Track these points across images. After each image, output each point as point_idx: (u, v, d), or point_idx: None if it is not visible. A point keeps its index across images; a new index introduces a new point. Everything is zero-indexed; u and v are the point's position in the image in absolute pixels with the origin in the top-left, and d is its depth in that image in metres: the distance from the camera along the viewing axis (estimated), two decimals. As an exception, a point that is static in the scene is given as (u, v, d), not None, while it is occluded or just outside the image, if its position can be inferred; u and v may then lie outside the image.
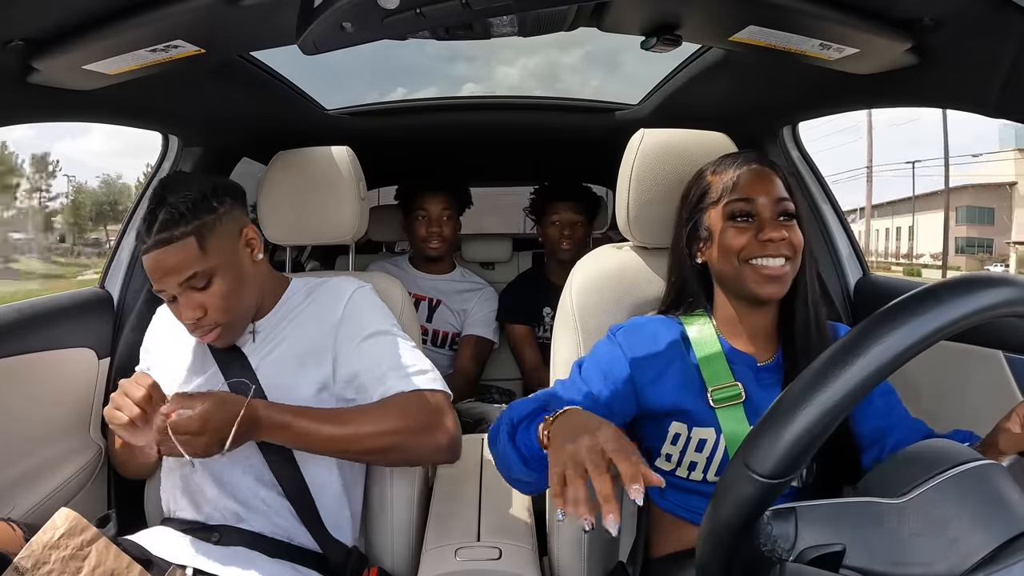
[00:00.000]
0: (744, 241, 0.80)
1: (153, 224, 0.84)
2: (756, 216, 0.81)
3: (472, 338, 1.77)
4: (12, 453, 0.96)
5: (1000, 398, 0.96)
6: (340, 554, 0.92)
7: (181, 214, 0.85)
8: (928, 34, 0.76)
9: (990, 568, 0.42)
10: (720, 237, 0.83)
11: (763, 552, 0.46)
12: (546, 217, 1.84)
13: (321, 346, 0.92)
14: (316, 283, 1.01)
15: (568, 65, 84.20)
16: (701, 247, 0.86)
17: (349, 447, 0.85)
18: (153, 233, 0.84)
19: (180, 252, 0.84)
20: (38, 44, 0.74)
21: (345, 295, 0.97)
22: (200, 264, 0.85)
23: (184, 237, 0.84)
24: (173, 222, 0.84)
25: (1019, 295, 0.44)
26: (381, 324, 0.95)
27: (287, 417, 0.83)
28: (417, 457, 0.92)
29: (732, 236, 0.81)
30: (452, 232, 1.82)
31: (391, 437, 0.85)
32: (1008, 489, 0.46)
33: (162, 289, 0.87)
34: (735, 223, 0.82)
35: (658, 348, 0.84)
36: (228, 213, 0.90)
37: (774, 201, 0.81)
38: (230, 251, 0.89)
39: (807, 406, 0.43)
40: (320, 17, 0.66)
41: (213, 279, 0.87)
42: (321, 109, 1.58)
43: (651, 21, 0.78)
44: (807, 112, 1.32)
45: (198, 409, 0.76)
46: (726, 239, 0.82)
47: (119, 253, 1.32)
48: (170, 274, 0.84)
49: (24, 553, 0.72)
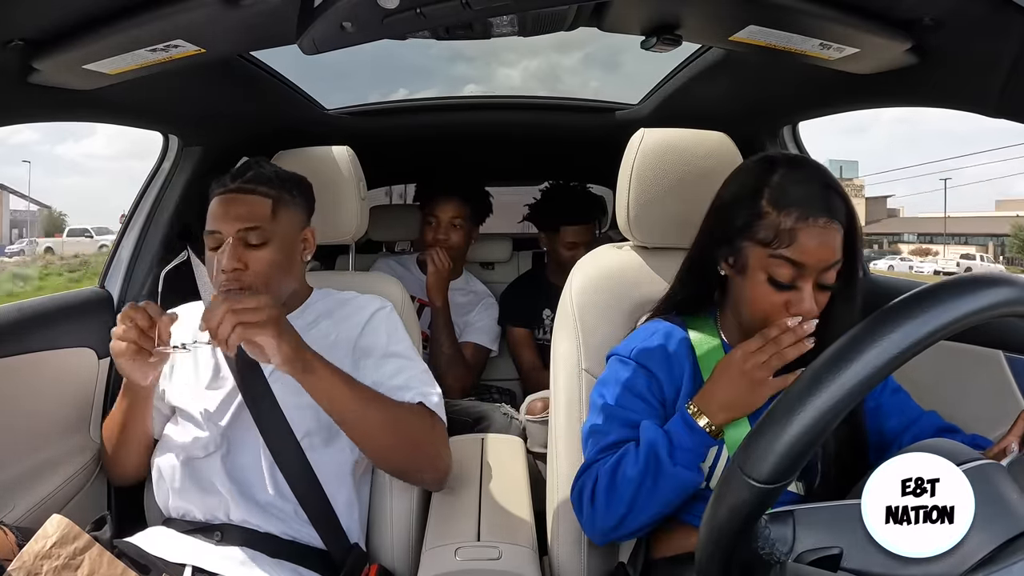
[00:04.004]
0: (776, 306, 0.74)
1: (241, 174, 0.94)
2: (798, 285, 0.73)
3: (470, 345, 1.73)
4: (12, 453, 0.96)
5: (1000, 398, 0.96)
6: (342, 551, 0.92)
7: (269, 178, 0.95)
8: (928, 34, 0.76)
9: (990, 568, 0.41)
10: (752, 283, 0.76)
11: (761, 555, 0.46)
12: (557, 236, 1.78)
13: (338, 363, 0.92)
14: (340, 297, 1.03)
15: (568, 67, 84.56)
16: (729, 264, 0.80)
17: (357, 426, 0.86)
18: (239, 180, 0.93)
19: (255, 204, 0.93)
20: (38, 44, 0.74)
21: (367, 314, 1.00)
22: (266, 223, 0.92)
23: (264, 196, 0.94)
24: (261, 180, 0.94)
25: (1019, 295, 0.44)
26: (399, 345, 0.98)
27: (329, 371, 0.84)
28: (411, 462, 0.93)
29: (764, 294, 0.74)
30: (461, 241, 1.74)
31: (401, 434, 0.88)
32: (1008, 489, 0.46)
33: (216, 231, 0.92)
34: (772, 289, 0.74)
35: (675, 363, 0.83)
36: (299, 206, 1.00)
37: (824, 269, 0.73)
38: (291, 234, 0.97)
39: (802, 410, 0.43)
40: (320, 17, 0.66)
41: (267, 244, 0.92)
42: (321, 109, 1.58)
43: (651, 21, 0.78)
44: (807, 112, 1.32)
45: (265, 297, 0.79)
46: (758, 293, 0.75)
47: (119, 253, 1.32)
48: (237, 219, 0.91)
49: (15, 564, 0.71)
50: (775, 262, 0.73)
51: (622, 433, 0.80)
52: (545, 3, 0.70)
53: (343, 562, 0.91)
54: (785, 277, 0.73)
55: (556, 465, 0.96)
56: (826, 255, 0.72)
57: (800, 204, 0.72)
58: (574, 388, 0.95)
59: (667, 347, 0.83)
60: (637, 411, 0.81)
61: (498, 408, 1.54)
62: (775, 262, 0.73)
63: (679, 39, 0.80)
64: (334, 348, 0.94)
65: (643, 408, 0.81)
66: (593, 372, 0.94)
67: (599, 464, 0.79)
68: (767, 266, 0.74)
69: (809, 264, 0.72)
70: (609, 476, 0.77)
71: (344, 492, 0.94)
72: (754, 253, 0.75)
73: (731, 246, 0.78)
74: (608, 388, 0.84)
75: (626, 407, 0.81)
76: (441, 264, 1.63)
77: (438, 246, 1.69)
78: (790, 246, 0.72)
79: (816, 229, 0.71)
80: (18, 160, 71.16)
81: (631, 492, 0.75)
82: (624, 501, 0.75)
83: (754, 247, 0.75)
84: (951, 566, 0.43)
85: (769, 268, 0.74)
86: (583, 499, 0.79)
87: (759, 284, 0.75)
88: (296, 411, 0.93)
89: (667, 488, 0.75)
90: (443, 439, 0.95)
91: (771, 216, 0.73)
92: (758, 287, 0.75)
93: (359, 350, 0.96)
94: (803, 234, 0.71)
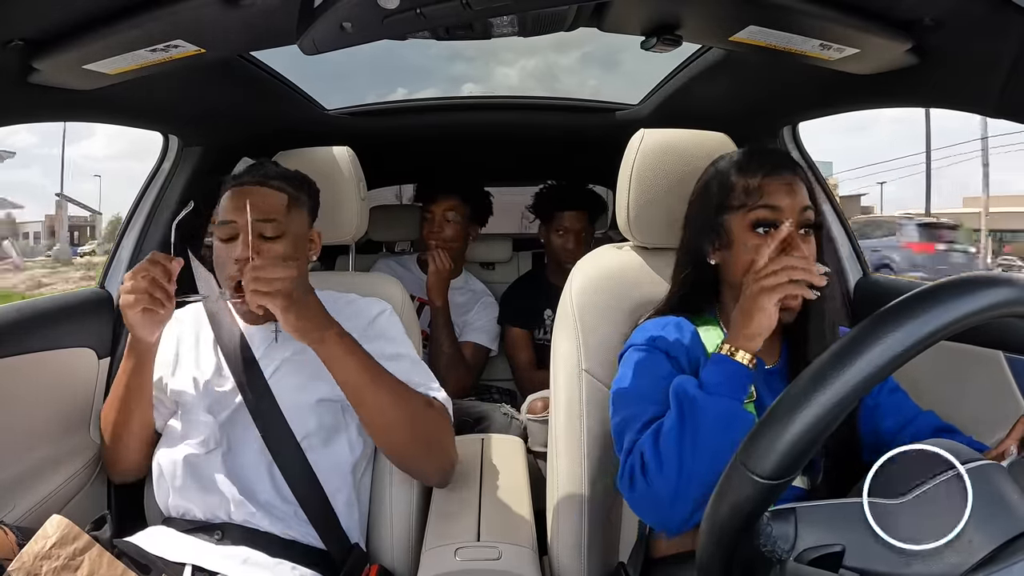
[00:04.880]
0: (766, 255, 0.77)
1: (258, 169, 0.97)
2: (780, 220, 0.78)
3: (469, 345, 1.73)
4: (12, 453, 0.96)
5: (1000, 398, 0.96)
6: (343, 551, 0.92)
7: (285, 176, 0.98)
8: (928, 34, 0.76)
9: (990, 568, 0.42)
10: (741, 245, 0.80)
11: (763, 552, 0.46)
12: (551, 224, 1.82)
13: None
14: (341, 300, 1.03)
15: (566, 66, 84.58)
16: (716, 248, 0.84)
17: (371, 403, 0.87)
18: (257, 173, 0.96)
19: (272, 197, 0.94)
20: (38, 44, 0.74)
21: (369, 317, 1.00)
22: (282, 217, 0.94)
23: (281, 190, 0.96)
24: (278, 176, 0.97)
25: (1019, 295, 0.44)
26: (402, 348, 0.98)
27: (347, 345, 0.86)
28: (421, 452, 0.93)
29: (755, 248, 0.78)
30: (455, 235, 1.74)
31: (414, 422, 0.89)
32: (1008, 489, 0.46)
33: (232, 221, 0.92)
34: (758, 233, 0.79)
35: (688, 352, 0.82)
36: (308, 207, 1.01)
37: (799, 211, 0.78)
38: (302, 232, 0.99)
39: (806, 407, 0.43)
40: (320, 17, 0.66)
41: (281, 239, 0.93)
42: (321, 109, 1.58)
43: (651, 21, 0.78)
44: (807, 112, 1.32)
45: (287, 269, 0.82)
46: (748, 250, 0.79)
47: (119, 253, 1.32)
48: (255, 209, 0.90)
49: (15, 565, 0.71)
50: (753, 214, 0.79)
51: (656, 411, 0.78)
52: (545, 3, 0.70)
53: (343, 562, 0.91)
54: (767, 218, 0.79)
55: (556, 465, 0.96)
56: (797, 200, 0.79)
57: (761, 165, 0.81)
58: (574, 388, 0.95)
59: (681, 336, 0.84)
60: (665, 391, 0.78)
61: (498, 408, 1.54)
62: (753, 214, 0.79)
63: (679, 39, 0.80)
64: None
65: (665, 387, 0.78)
66: (593, 372, 0.95)
67: (640, 442, 0.76)
68: (748, 222, 0.80)
69: (783, 206, 0.78)
70: (652, 443, 0.74)
71: (344, 492, 0.94)
72: (734, 220, 0.81)
73: (714, 229, 0.83)
74: (631, 377, 0.82)
75: (655, 388, 0.79)
76: (442, 264, 1.64)
77: (432, 240, 1.71)
78: (762, 197, 0.79)
79: (780, 182, 0.79)
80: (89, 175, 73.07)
81: (675, 445, 0.71)
82: (672, 459, 0.71)
83: (733, 215, 0.81)
84: (952, 565, 0.43)
85: (750, 221, 0.80)
86: (635, 480, 0.74)
87: (747, 240, 0.80)
88: (296, 411, 0.93)
89: (709, 425, 0.71)
90: (451, 435, 0.97)
91: (739, 183, 0.81)
92: (747, 244, 0.80)
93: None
94: (770, 186, 0.79)
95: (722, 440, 0.70)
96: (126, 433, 0.96)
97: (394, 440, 0.91)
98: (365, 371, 0.86)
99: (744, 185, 0.80)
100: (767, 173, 0.80)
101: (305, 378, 0.94)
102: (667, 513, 0.72)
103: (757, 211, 0.79)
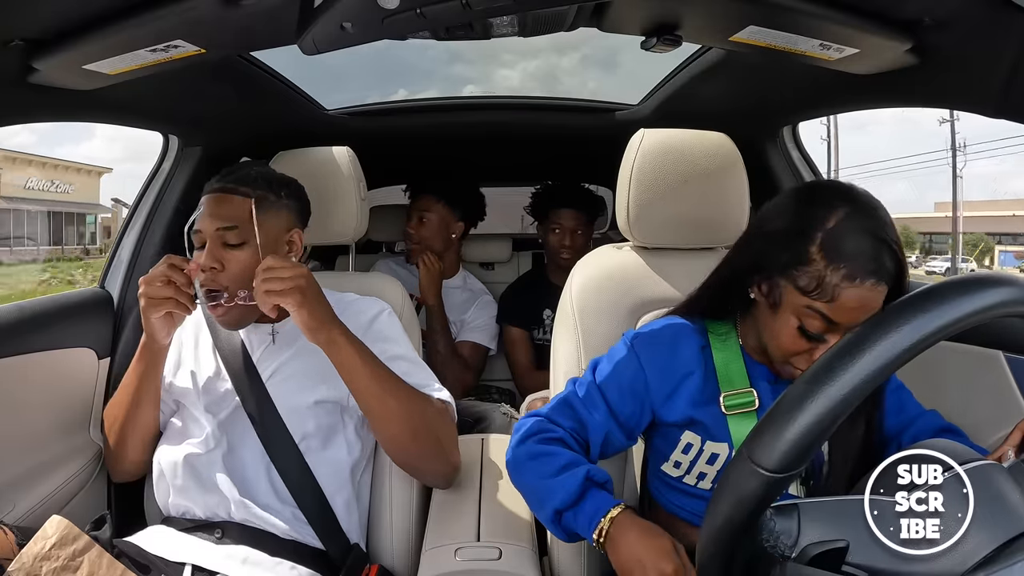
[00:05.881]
0: (799, 349, 0.72)
1: (228, 174, 0.96)
2: (826, 340, 0.70)
3: (467, 344, 1.73)
4: (12, 453, 0.96)
5: (1000, 398, 0.96)
6: (342, 551, 0.92)
7: (252, 178, 0.96)
8: (929, 34, 0.76)
9: (990, 568, 0.42)
10: (781, 323, 0.72)
11: (766, 548, 0.46)
12: (547, 223, 1.82)
13: None
14: (341, 300, 1.02)
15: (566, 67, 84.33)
16: (761, 291, 0.76)
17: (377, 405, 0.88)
18: (226, 178, 0.95)
19: (235, 204, 0.93)
20: (38, 44, 0.74)
21: (368, 317, 1.00)
22: (244, 224, 0.91)
23: (244, 196, 0.93)
24: (242, 180, 0.95)
25: (1019, 295, 0.44)
26: (402, 348, 0.99)
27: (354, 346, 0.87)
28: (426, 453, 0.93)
29: (791, 338, 0.72)
30: (431, 235, 1.72)
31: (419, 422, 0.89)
32: (1008, 489, 0.46)
33: (199, 230, 0.93)
34: (804, 332, 0.71)
35: (676, 362, 0.82)
36: (285, 207, 0.99)
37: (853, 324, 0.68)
38: (273, 236, 0.96)
39: (814, 399, 0.43)
40: (320, 17, 0.66)
41: (245, 245, 0.91)
42: (321, 109, 1.58)
43: (651, 21, 0.78)
44: (807, 112, 1.32)
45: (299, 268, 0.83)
46: (785, 335, 0.72)
47: (119, 253, 1.31)
48: (217, 218, 0.92)
49: (14, 566, 0.71)
50: (810, 313, 0.69)
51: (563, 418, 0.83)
52: (545, 3, 0.70)
53: (343, 562, 0.91)
54: (817, 329, 0.70)
55: (556, 465, 0.96)
56: (863, 316, 0.67)
57: (850, 261, 0.67)
58: (574, 388, 0.95)
59: (673, 346, 0.83)
60: (608, 393, 0.82)
61: (498, 408, 1.54)
62: (810, 313, 0.69)
63: (679, 39, 0.80)
64: None
65: (615, 393, 0.82)
66: (593, 372, 0.94)
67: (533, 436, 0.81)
68: (800, 313, 0.70)
69: (843, 323, 0.69)
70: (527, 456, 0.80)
71: (343, 494, 0.94)
72: (790, 295, 0.71)
73: (767, 278, 0.74)
74: (602, 365, 0.85)
75: (605, 393, 0.82)
76: (431, 265, 1.66)
77: (408, 240, 1.75)
78: (830, 302, 0.67)
79: (861, 291, 0.66)
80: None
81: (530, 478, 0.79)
82: (519, 480, 0.81)
83: (791, 289, 0.70)
84: (952, 565, 0.43)
85: (802, 316, 0.70)
86: (512, 439, 0.83)
87: (788, 327, 0.72)
88: (294, 414, 0.93)
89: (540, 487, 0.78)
90: (455, 436, 0.97)
91: (817, 265, 0.68)
92: (786, 329, 0.72)
93: None
94: (846, 294, 0.67)
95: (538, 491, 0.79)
96: (132, 433, 0.97)
97: (398, 438, 0.91)
98: (372, 373, 0.87)
99: (819, 275, 0.68)
100: (853, 279, 0.66)
101: (303, 380, 0.94)
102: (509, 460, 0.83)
103: (814, 316, 0.69)
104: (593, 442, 0.82)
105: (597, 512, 0.73)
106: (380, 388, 0.87)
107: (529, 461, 0.79)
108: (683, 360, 0.82)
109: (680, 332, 0.84)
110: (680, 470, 0.83)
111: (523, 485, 0.81)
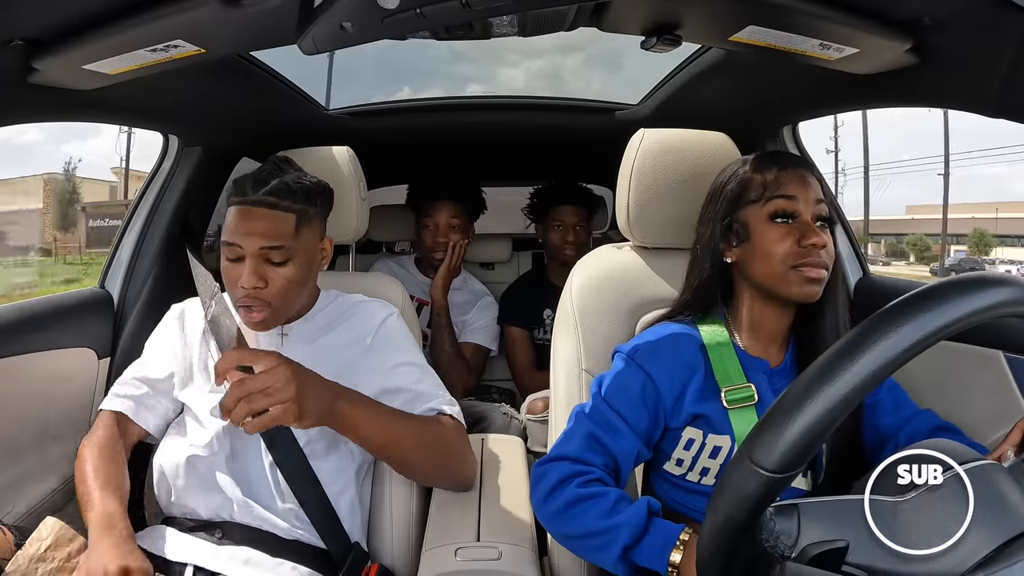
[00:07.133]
0: (789, 246, 0.79)
1: (262, 185, 0.88)
2: (798, 217, 0.80)
3: (469, 345, 1.73)
4: (12, 453, 0.96)
5: (1000, 398, 0.96)
6: (343, 551, 0.92)
7: (294, 191, 0.89)
8: (928, 34, 0.76)
9: (990, 568, 0.42)
10: (761, 238, 0.81)
11: (765, 548, 0.46)
12: (547, 221, 1.82)
13: (348, 369, 0.93)
14: (348, 301, 1.02)
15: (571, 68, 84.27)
16: (733, 246, 0.84)
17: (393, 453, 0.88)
18: (261, 191, 0.87)
19: (278, 221, 0.88)
20: (38, 44, 0.74)
21: (377, 321, 0.99)
22: (289, 241, 0.88)
23: (288, 211, 0.89)
24: (285, 193, 0.89)
25: (1019, 295, 0.44)
26: (409, 354, 0.98)
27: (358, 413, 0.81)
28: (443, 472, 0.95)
29: (776, 239, 0.79)
30: (461, 239, 1.75)
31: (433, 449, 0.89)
32: (1008, 489, 0.46)
33: (237, 244, 0.87)
34: (778, 223, 0.80)
35: (680, 365, 0.83)
36: (320, 216, 0.96)
37: (814, 202, 0.80)
38: (312, 247, 0.94)
39: (813, 399, 0.43)
40: (320, 17, 0.66)
41: (290, 262, 0.89)
42: (321, 109, 1.58)
43: (651, 21, 0.78)
44: (807, 112, 1.32)
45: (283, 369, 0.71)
46: (769, 241, 0.80)
47: (119, 253, 1.32)
48: (260, 235, 0.87)
49: (10, 568, 0.71)
50: (771, 204, 0.80)
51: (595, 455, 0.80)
52: (545, 3, 0.70)
53: (343, 562, 0.91)
54: (786, 208, 0.80)
55: (556, 465, 0.95)
56: (811, 192, 0.81)
57: (776, 161, 0.83)
58: (574, 388, 0.95)
59: (673, 349, 0.83)
60: (624, 413, 0.81)
61: (498, 408, 1.54)
62: (771, 204, 0.80)
63: (679, 39, 0.80)
64: (344, 352, 0.95)
65: (630, 411, 0.81)
66: (593, 372, 0.94)
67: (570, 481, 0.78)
68: (766, 213, 0.81)
69: (800, 196, 0.80)
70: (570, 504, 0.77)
71: (347, 496, 0.94)
72: (751, 213, 0.82)
73: (729, 226, 0.84)
74: (605, 383, 0.85)
75: (621, 413, 0.81)
76: (458, 259, 1.69)
77: (438, 250, 1.71)
78: (779, 189, 0.80)
79: (796, 175, 0.81)
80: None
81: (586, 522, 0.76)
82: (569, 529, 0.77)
83: (750, 208, 0.82)
84: (952, 565, 0.43)
85: (767, 212, 0.81)
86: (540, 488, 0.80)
87: (766, 231, 0.80)
88: None
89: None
90: (467, 444, 0.97)
91: (756, 178, 0.82)
92: (766, 234, 0.80)
93: (370, 355, 0.96)
94: (786, 178, 0.81)
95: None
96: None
97: (417, 469, 0.92)
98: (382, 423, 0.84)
99: (761, 179, 0.82)
100: (783, 167, 0.82)
101: None
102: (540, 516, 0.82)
103: (775, 201, 0.80)
104: (624, 469, 0.82)
105: (668, 541, 0.72)
106: (391, 434, 0.85)
107: (579, 505, 0.77)
108: (686, 362, 0.83)
109: (677, 336, 0.85)
110: (683, 467, 0.83)
111: (577, 530, 0.76)
